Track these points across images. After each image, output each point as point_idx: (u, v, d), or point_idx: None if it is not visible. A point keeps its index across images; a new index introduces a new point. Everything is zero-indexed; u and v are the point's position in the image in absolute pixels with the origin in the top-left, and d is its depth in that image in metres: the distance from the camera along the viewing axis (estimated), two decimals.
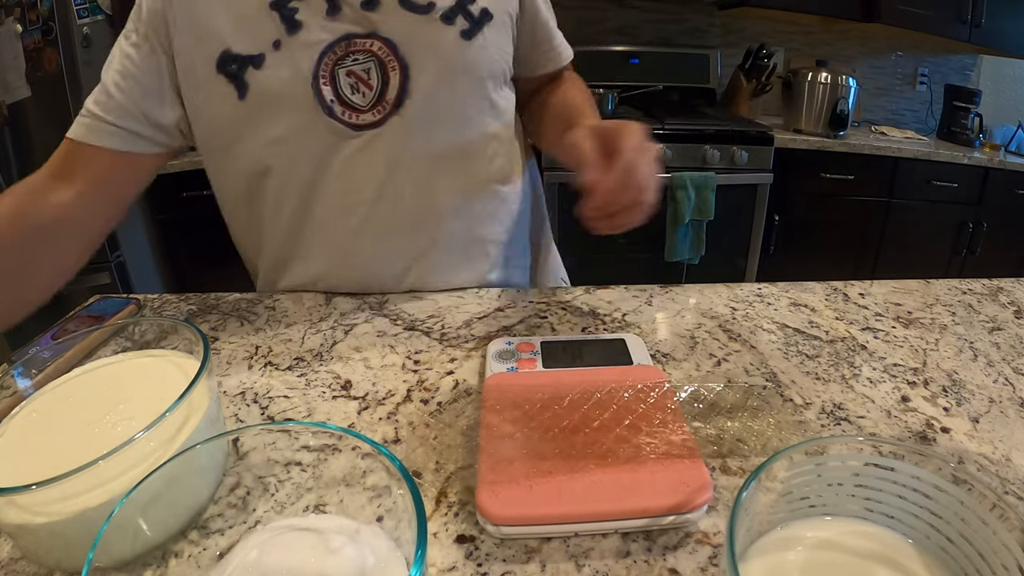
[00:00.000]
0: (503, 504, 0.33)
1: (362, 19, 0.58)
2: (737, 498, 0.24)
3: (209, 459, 0.29)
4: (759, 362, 0.52)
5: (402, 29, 0.59)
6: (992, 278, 0.71)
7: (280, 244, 0.67)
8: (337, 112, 0.59)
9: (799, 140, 2.07)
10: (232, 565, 0.27)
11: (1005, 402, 0.47)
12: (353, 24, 0.58)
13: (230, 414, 0.45)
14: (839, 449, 0.29)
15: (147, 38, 0.58)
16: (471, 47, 0.61)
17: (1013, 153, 2.21)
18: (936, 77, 2.55)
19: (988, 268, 2.22)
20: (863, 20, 2.23)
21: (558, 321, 0.59)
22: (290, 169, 0.62)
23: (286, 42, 0.57)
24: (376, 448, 0.27)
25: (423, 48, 0.59)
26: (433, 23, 0.59)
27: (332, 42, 0.57)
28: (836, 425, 0.44)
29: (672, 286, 0.66)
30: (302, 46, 0.57)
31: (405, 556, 0.27)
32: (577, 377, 0.45)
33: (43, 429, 0.35)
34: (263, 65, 0.57)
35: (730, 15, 2.38)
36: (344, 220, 0.63)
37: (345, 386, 0.49)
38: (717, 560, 0.33)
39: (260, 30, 0.56)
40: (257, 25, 0.56)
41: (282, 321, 0.59)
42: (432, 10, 0.59)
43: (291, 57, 0.57)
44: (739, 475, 0.39)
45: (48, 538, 0.29)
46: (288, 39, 0.57)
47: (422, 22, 0.59)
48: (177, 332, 0.39)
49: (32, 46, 1.67)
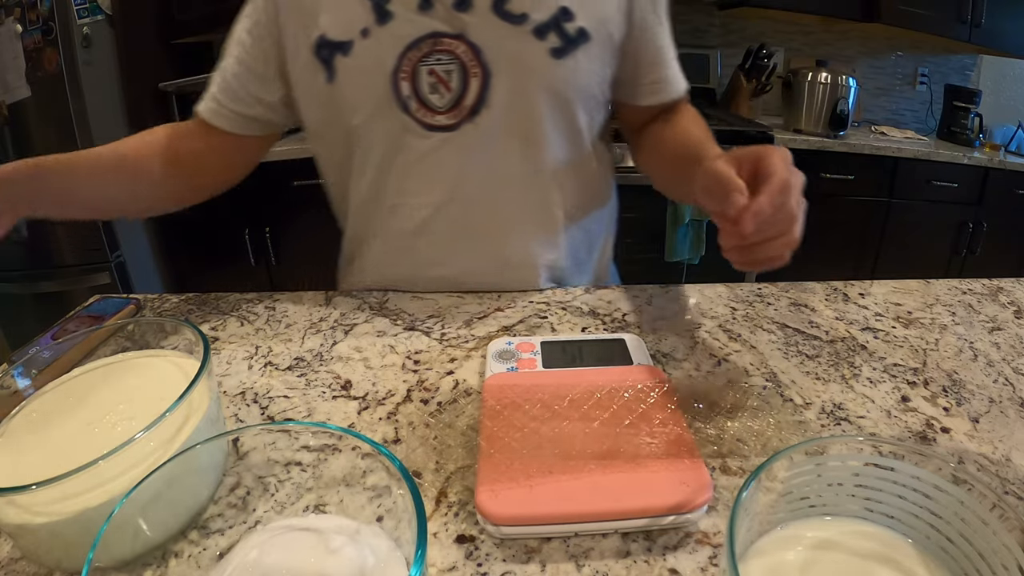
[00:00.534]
0: (503, 504, 0.33)
1: (452, 19, 0.57)
2: (737, 498, 0.24)
3: (209, 459, 0.29)
4: (759, 362, 0.52)
5: (490, 36, 0.57)
6: (992, 278, 0.71)
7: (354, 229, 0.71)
8: (412, 109, 0.59)
9: (799, 140, 2.07)
10: (232, 565, 0.28)
11: (1005, 402, 0.47)
12: (442, 22, 0.57)
13: (230, 414, 0.45)
14: (839, 449, 0.29)
15: (258, 24, 0.62)
16: (560, 66, 0.59)
17: (1013, 153, 2.21)
18: (936, 77, 2.55)
19: (988, 268, 2.22)
20: (863, 20, 2.23)
21: (558, 321, 0.59)
22: (365, 158, 0.64)
23: (374, 31, 0.57)
24: (376, 448, 0.27)
25: (509, 59, 0.58)
26: (524, 35, 0.58)
27: (419, 38, 0.57)
28: (836, 425, 0.44)
29: (672, 286, 0.66)
30: (389, 37, 0.57)
31: (405, 556, 0.27)
32: (577, 377, 0.45)
33: (43, 429, 0.35)
34: (350, 52, 0.58)
35: (730, 15, 2.37)
36: (407, 218, 0.65)
37: (345, 386, 0.49)
38: (717, 560, 0.33)
39: (353, 17, 0.57)
40: (351, 12, 0.58)
41: (282, 321, 0.59)
42: (525, 22, 0.57)
43: (376, 47, 0.58)
44: (739, 475, 0.39)
45: (48, 538, 0.29)
46: (377, 29, 0.57)
47: (512, 32, 0.57)
48: (177, 332, 0.39)
49: (32, 46, 1.67)
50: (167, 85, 1.99)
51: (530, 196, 0.65)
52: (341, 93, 0.60)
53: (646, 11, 0.63)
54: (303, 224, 2.00)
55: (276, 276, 2.10)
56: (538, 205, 0.66)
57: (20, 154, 1.75)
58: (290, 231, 2.03)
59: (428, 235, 0.65)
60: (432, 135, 0.60)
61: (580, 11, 0.58)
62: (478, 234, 0.65)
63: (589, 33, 0.59)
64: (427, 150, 0.61)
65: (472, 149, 0.61)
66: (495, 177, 0.63)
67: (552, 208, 0.67)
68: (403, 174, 0.63)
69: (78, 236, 1.83)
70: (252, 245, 2.04)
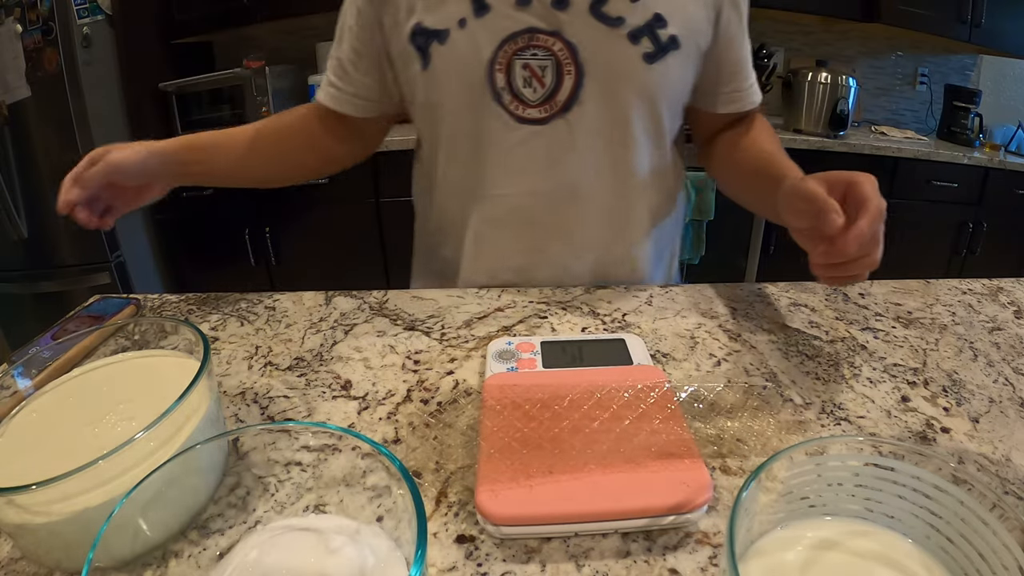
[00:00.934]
0: (503, 504, 0.33)
1: (549, 16, 0.59)
2: (737, 498, 0.24)
3: (209, 459, 0.29)
4: (759, 362, 0.52)
5: (586, 36, 0.59)
6: (992, 278, 0.71)
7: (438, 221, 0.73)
8: (505, 100, 0.61)
9: (799, 140, 2.07)
10: (232, 565, 0.28)
11: (1005, 402, 0.47)
12: (539, 19, 0.59)
13: (230, 414, 0.45)
14: (839, 449, 0.29)
15: (362, 13, 0.64)
16: (651, 71, 0.61)
17: (1013, 153, 2.21)
18: (936, 77, 2.55)
19: (988, 268, 2.22)
20: (863, 20, 2.23)
21: (558, 321, 0.59)
22: (453, 146, 0.65)
23: (471, 22, 0.58)
24: (376, 448, 0.27)
25: (603, 60, 0.60)
26: (619, 39, 0.59)
27: (515, 32, 0.59)
28: (836, 425, 0.44)
29: (672, 286, 0.66)
30: (486, 29, 0.59)
31: (405, 556, 0.27)
32: (577, 377, 0.45)
33: (43, 429, 0.35)
34: (447, 40, 0.59)
35: None
36: (490, 207, 0.66)
37: (345, 386, 0.49)
38: (717, 560, 0.33)
39: (450, 6, 0.59)
40: (448, 2, 0.59)
41: (282, 321, 0.59)
42: (621, 25, 0.59)
43: (473, 38, 0.59)
44: (739, 475, 0.39)
45: (48, 538, 0.29)
46: (474, 20, 0.58)
47: (608, 34, 0.59)
48: (177, 332, 0.39)
49: (32, 46, 1.67)
50: (167, 85, 1.99)
51: (614, 194, 0.67)
52: (435, 80, 0.61)
53: (732, 22, 0.65)
54: (303, 224, 2.00)
55: (276, 276, 2.10)
56: (621, 203, 0.68)
57: (20, 154, 1.75)
58: (290, 231, 2.03)
59: (513, 226, 0.67)
60: (522, 127, 0.62)
61: (672, 19, 0.60)
62: (561, 229, 0.67)
63: (679, 40, 0.61)
64: (516, 142, 0.63)
65: (561, 144, 0.63)
66: (581, 172, 0.65)
67: (635, 207, 0.69)
68: (492, 164, 0.64)
69: (78, 236, 1.83)
70: (252, 245, 2.04)
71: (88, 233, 1.82)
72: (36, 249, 1.84)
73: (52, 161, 1.76)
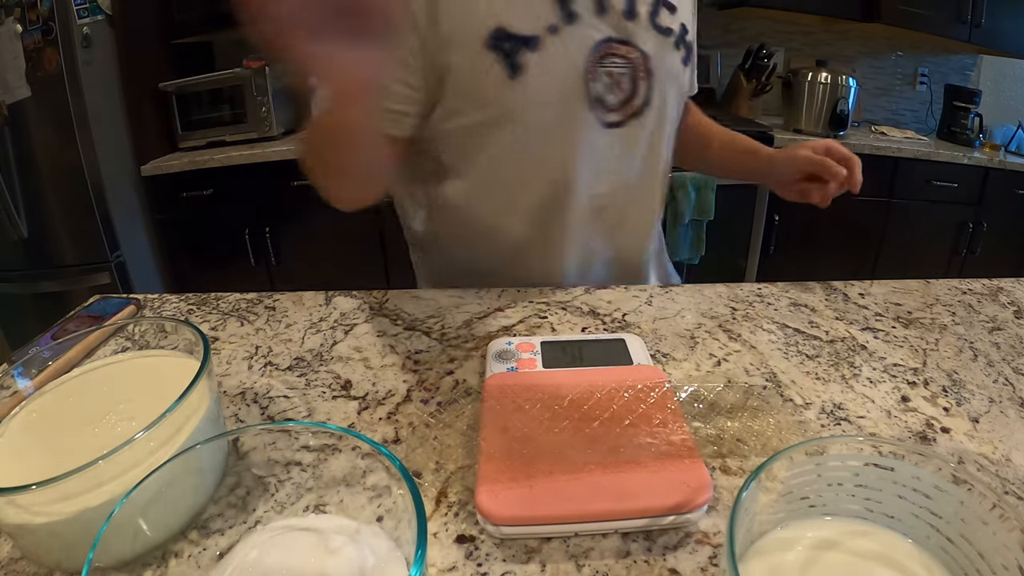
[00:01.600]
0: (503, 504, 0.33)
1: (621, 26, 0.62)
2: (737, 498, 0.24)
3: (209, 459, 0.29)
4: (759, 362, 0.52)
5: (652, 44, 0.64)
6: (992, 278, 0.71)
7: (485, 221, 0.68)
8: (594, 107, 0.63)
9: (799, 140, 2.06)
10: (232, 565, 0.28)
11: (1005, 402, 0.47)
12: (613, 29, 0.62)
13: (230, 414, 0.45)
14: (839, 449, 0.29)
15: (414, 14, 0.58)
16: (686, 73, 0.70)
17: (1013, 153, 2.21)
18: (936, 77, 2.55)
19: (988, 268, 2.22)
20: (863, 20, 2.23)
21: (558, 321, 0.59)
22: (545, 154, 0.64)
23: (563, 30, 0.59)
24: (376, 448, 0.27)
25: (664, 66, 0.65)
26: (670, 45, 0.66)
27: (600, 40, 0.61)
28: (836, 425, 0.44)
29: (672, 286, 0.66)
30: (576, 38, 0.60)
31: (405, 556, 0.27)
32: (577, 377, 0.45)
33: (43, 429, 0.35)
34: (539, 48, 0.58)
35: (730, 15, 2.37)
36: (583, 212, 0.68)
37: (345, 386, 0.49)
38: (717, 560, 0.33)
39: (538, 13, 0.58)
40: (536, 7, 0.58)
41: (282, 321, 0.59)
42: (670, 35, 0.65)
43: (565, 46, 0.59)
44: (739, 475, 0.39)
45: (48, 538, 0.29)
46: (565, 28, 0.59)
47: (663, 43, 0.65)
48: (177, 332, 0.39)
49: (32, 46, 1.67)
50: (167, 85, 1.99)
51: (654, 188, 0.73)
52: (528, 87, 0.59)
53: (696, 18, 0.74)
54: (303, 224, 2.00)
55: (276, 276, 2.10)
56: (657, 197, 0.74)
57: (20, 154, 1.75)
58: (290, 231, 2.03)
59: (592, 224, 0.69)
60: (606, 132, 0.65)
61: (690, 27, 0.69)
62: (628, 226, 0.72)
63: (692, 45, 0.70)
64: (601, 145, 0.65)
65: (634, 145, 0.67)
66: (642, 171, 0.69)
67: (659, 200, 0.75)
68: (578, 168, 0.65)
69: (78, 236, 1.84)
70: (252, 245, 2.04)
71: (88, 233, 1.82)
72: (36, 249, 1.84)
73: (52, 161, 1.76)
